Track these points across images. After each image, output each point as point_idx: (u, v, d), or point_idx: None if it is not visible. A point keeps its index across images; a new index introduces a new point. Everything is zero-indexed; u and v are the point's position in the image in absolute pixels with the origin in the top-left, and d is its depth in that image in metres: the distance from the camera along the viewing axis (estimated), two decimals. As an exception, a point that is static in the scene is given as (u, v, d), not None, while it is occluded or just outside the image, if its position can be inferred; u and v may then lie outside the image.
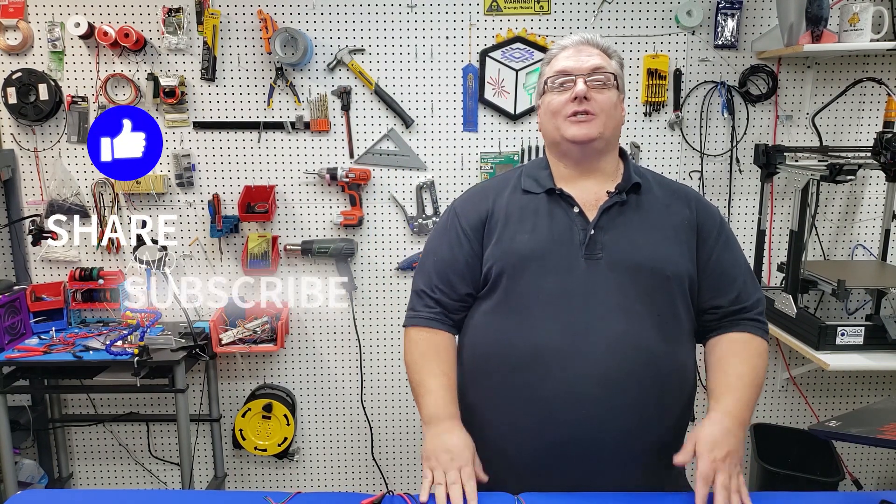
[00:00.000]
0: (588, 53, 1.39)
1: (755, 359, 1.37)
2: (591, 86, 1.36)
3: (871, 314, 2.46)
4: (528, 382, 1.33)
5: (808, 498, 1.35)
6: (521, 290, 1.36)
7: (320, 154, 2.61)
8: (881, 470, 2.85)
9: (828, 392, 2.80)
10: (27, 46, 2.50)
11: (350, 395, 2.78)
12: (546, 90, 1.42)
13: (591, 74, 1.37)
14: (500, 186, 1.47)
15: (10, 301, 2.41)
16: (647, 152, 2.61)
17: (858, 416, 1.40)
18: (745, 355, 1.37)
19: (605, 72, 1.38)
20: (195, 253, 2.66)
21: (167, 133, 2.57)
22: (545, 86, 1.42)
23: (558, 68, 1.40)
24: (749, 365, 1.36)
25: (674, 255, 1.37)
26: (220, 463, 2.78)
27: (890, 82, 2.54)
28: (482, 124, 2.60)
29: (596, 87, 1.37)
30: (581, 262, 1.34)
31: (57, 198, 2.57)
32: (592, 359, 1.30)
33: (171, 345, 2.37)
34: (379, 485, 2.86)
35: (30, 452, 2.75)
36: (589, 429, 1.31)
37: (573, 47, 1.41)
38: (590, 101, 1.36)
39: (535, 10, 2.52)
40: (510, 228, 1.39)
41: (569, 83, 1.38)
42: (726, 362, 1.37)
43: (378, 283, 2.70)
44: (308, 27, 2.52)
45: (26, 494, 1.34)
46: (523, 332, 1.34)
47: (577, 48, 1.40)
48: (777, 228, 2.65)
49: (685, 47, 2.55)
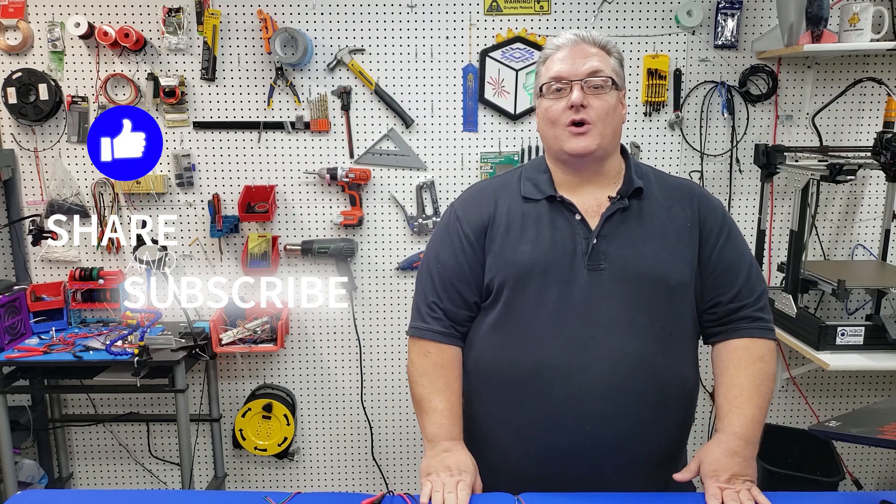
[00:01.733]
0: (584, 54, 1.34)
1: (758, 364, 1.35)
2: (588, 91, 1.32)
3: (871, 314, 2.45)
4: (531, 396, 1.33)
5: (808, 498, 1.35)
6: (523, 304, 1.34)
7: (320, 154, 2.61)
8: (881, 470, 2.85)
9: (828, 392, 2.80)
10: (27, 46, 2.50)
11: (350, 395, 2.78)
12: (542, 94, 1.38)
13: (588, 78, 1.33)
14: (501, 188, 1.44)
15: (10, 301, 2.41)
16: (647, 152, 2.61)
17: (858, 416, 1.39)
18: (747, 363, 1.35)
19: (603, 75, 1.33)
20: (195, 253, 2.66)
21: (167, 133, 2.57)
22: (541, 90, 1.38)
23: (553, 73, 1.35)
24: (750, 374, 1.34)
25: (677, 264, 1.35)
26: (220, 463, 2.78)
27: (890, 82, 2.54)
28: (482, 124, 2.60)
29: (593, 93, 1.33)
30: (583, 273, 1.32)
31: (57, 198, 2.57)
32: (595, 374, 1.30)
33: (171, 345, 2.37)
34: (379, 485, 2.86)
35: (30, 452, 2.75)
36: (591, 440, 1.31)
37: (568, 47, 1.35)
38: (587, 108, 1.32)
39: (535, 10, 2.52)
40: (511, 238, 1.37)
41: (565, 89, 1.33)
42: (729, 375, 1.36)
43: (378, 283, 2.70)
44: (308, 27, 2.52)
45: (26, 494, 1.33)
46: (526, 347, 1.33)
47: (573, 48, 1.35)
48: (777, 228, 2.65)
49: (685, 47, 2.55)
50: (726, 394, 1.35)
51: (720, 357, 1.40)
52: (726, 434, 1.30)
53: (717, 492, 1.23)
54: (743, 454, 1.28)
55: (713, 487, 1.25)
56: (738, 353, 1.37)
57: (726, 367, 1.37)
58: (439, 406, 1.38)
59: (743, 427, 1.30)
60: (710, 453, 1.29)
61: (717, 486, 1.24)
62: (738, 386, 1.34)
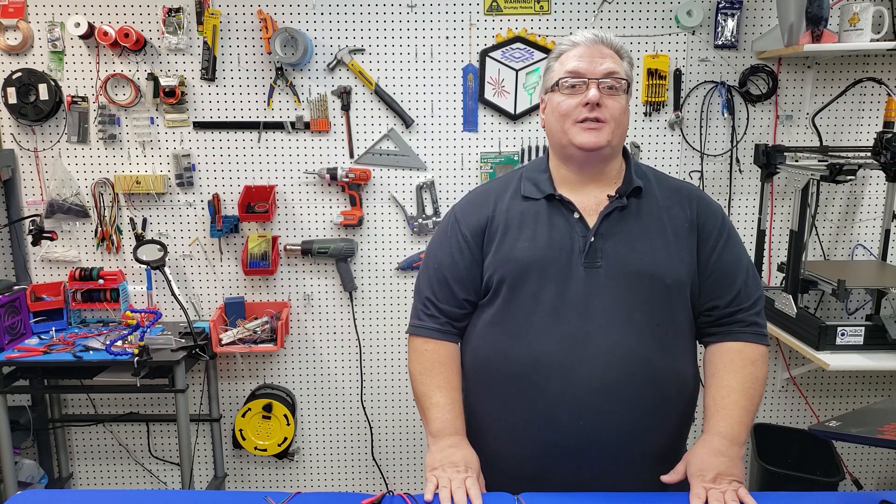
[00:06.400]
0: (602, 55, 1.34)
1: (749, 367, 1.36)
2: (603, 91, 1.32)
3: (871, 314, 2.46)
4: (527, 392, 1.33)
5: (808, 498, 1.35)
6: (521, 300, 1.35)
7: (320, 154, 2.61)
8: (881, 470, 2.85)
9: (828, 392, 2.80)
10: (27, 46, 2.50)
11: (350, 395, 2.78)
12: (554, 89, 1.37)
13: (605, 79, 1.33)
14: (501, 190, 1.46)
15: (10, 301, 2.41)
16: (647, 152, 2.61)
17: (858, 416, 1.39)
18: (738, 366, 1.36)
19: (619, 77, 1.34)
20: (195, 253, 2.66)
21: (167, 133, 2.57)
22: (555, 85, 1.37)
23: (570, 68, 1.34)
24: (740, 378, 1.35)
25: (674, 263, 1.35)
26: (220, 463, 2.78)
27: (890, 82, 2.54)
28: (482, 124, 2.60)
29: (608, 93, 1.33)
30: (580, 271, 1.33)
31: (57, 198, 2.57)
32: (591, 370, 1.30)
33: (171, 345, 2.37)
34: (379, 485, 2.86)
35: (30, 452, 2.75)
36: (588, 437, 1.31)
37: (586, 45, 1.35)
38: (601, 107, 1.32)
39: (535, 10, 2.52)
40: (510, 236, 1.38)
41: (581, 86, 1.33)
42: (719, 377, 1.36)
43: (378, 283, 2.70)
44: (308, 27, 2.52)
45: (26, 494, 1.33)
46: (523, 342, 1.34)
47: (590, 47, 1.35)
48: (777, 228, 2.65)
49: (685, 47, 2.55)
50: (714, 395, 1.35)
51: (712, 359, 1.40)
52: (711, 434, 1.31)
53: (701, 492, 1.23)
54: (728, 454, 1.28)
55: (698, 487, 1.24)
56: (730, 355, 1.37)
57: (717, 368, 1.38)
58: (440, 401, 1.39)
59: (728, 428, 1.30)
60: (696, 454, 1.30)
61: (703, 486, 1.24)
62: (727, 388, 1.34)
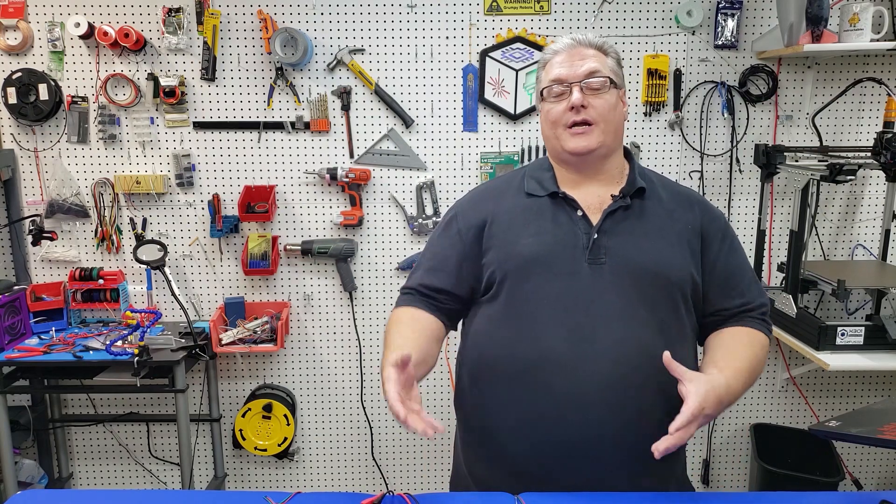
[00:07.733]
0: (581, 56, 1.37)
1: (756, 347, 1.37)
2: (587, 92, 1.35)
3: (871, 314, 2.46)
4: (533, 388, 1.33)
5: (808, 498, 1.35)
6: (525, 296, 1.35)
7: (320, 154, 2.61)
8: (881, 470, 2.85)
9: (828, 392, 2.80)
10: (27, 46, 2.50)
11: (350, 395, 2.78)
12: (544, 97, 1.41)
13: (587, 79, 1.36)
14: (503, 188, 1.47)
15: (10, 301, 2.41)
16: (647, 152, 2.61)
17: (858, 416, 1.39)
18: (747, 342, 1.36)
19: (601, 75, 1.36)
20: (195, 253, 2.66)
21: (167, 133, 2.57)
22: (543, 94, 1.41)
23: (553, 76, 1.38)
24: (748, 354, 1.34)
25: (677, 260, 1.36)
26: (220, 463, 2.78)
27: (890, 82, 2.54)
28: (482, 124, 2.60)
29: (593, 93, 1.36)
30: (584, 267, 1.33)
31: (57, 198, 2.57)
32: (597, 365, 1.30)
33: (171, 345, 2.37)
34: (379, 485, 2.86)
35: (30, 452, 2.75)
36: (594, 432, 1.31)
37: (566, 51, 1.39)
38: (587, 108, 1.35)
39: (535, 10, 2.52)
40: (513, 232, 1.39)
41: (566, 91, 1.36)
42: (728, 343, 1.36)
43: (378, 283, 2.70)
44: (308, 27, 2.52)
45: (26, 494, 1.33)
46: (528, 338, 1.33)
47: (570, 52, 1.38)
48: (777, 228, 2.65)
49: (685, 47, 2.55)
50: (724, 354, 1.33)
51: (720, 334, 1.39)
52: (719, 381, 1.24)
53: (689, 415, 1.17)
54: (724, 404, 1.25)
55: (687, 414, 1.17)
56: (740, 334, 1.38)
57: (726, 339, 1.37)
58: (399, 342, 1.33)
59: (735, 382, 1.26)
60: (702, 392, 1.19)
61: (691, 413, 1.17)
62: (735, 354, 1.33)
